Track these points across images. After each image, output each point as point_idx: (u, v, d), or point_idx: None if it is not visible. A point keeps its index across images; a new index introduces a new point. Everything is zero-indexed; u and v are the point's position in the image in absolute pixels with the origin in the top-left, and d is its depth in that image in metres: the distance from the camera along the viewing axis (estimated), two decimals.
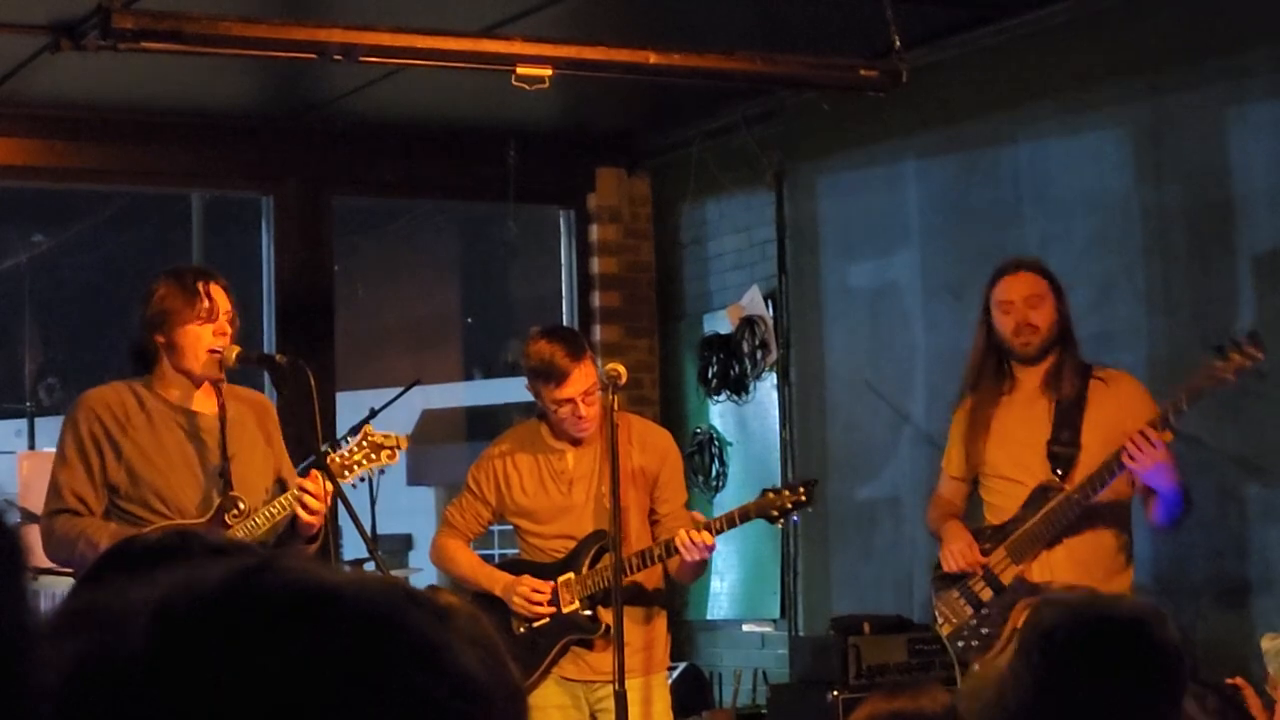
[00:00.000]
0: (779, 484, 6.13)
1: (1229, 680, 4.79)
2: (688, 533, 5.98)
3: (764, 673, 8.40)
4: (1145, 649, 2.52)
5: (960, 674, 6.03)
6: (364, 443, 5.66)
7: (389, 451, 5.70)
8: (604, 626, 6.12)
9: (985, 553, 5.99)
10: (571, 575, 6.17)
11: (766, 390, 8.69)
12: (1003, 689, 2.56)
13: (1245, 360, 5.66)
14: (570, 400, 6.10)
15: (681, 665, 8.34)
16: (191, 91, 8.08)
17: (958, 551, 6.00)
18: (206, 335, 5.44)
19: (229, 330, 5.46)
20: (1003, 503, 6.03)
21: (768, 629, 8.63)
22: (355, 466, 5.64)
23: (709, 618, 8.91)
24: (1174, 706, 2.54)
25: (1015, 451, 6.01)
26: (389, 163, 8.97)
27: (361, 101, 8.29)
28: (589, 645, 6.18)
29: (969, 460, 6.18)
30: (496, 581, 6.25)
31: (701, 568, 6.33)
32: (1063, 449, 5.94)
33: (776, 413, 8.62)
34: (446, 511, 6.47)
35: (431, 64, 6.58)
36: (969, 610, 6.02)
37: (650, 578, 6.26)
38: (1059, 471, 5.93)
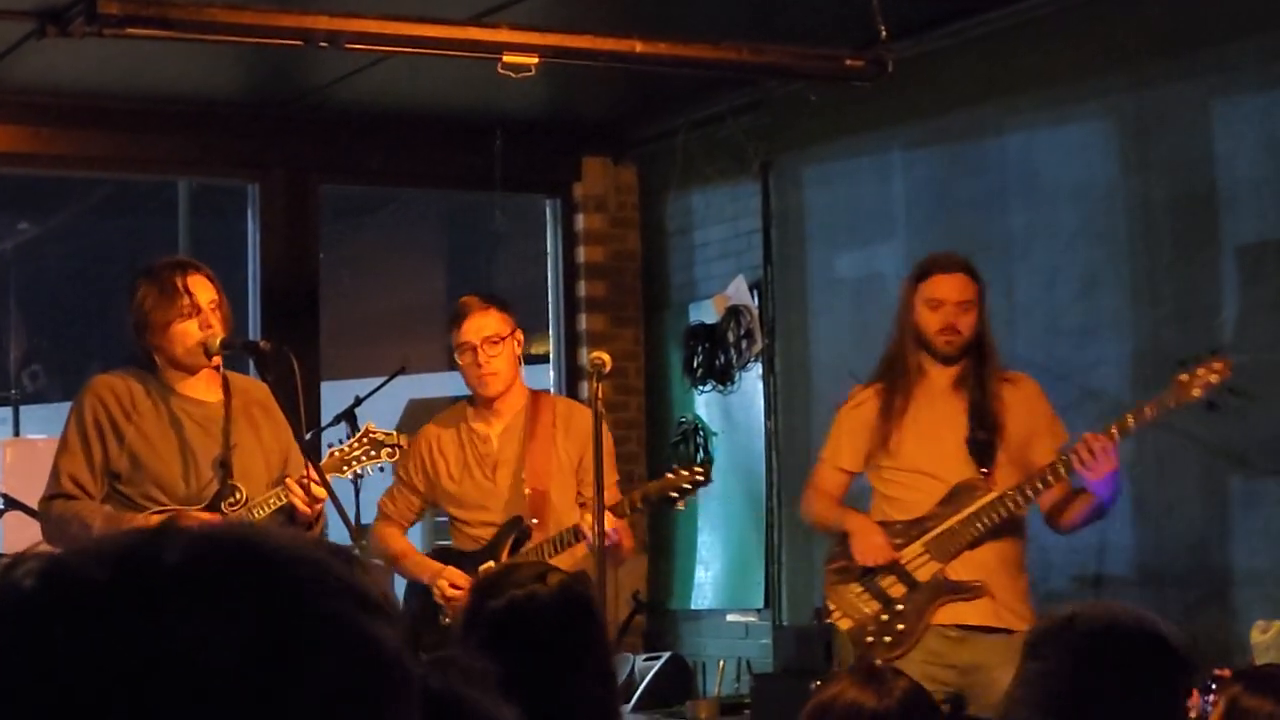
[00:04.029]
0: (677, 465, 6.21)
1: (1217, 671, 4.78)
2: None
3: (748, 662, 8.40)
4: (1165, 652, 3.20)
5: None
6: (365, 439, 5.71)
7: (389, 450, 5.74)
8: None
9: (896, 548, 5.89)
10: (492, 565, 5.93)
11: (752, 380, 8.68)
12: (1031, 681, 3.18)
13: (1211, 376, 5.67)
14: (470, 346, 6.09)
15: (665, 655, 8.35)
16: (177, 79, 8.06)
17: (874, 546, 5.88)
18: (193, 330, 5.46)
19: (214, 321, 5.47)
20: (912, 497, 5.92)
21: (751, 619, 8.63)
22: (354, 462, 5.70)
23: (692, 607, 8.91)
24: (1180, 698, 3.27)
25: (934, 447, 5.90)
26: (375, 151, 8.96)
27: (348, 89, 8.28)
28: None
29: (868, 453, 6.03)
30: (425, 569, 6.23)
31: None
32: (982, 446, 5.88)
33: (762, 402, 8.61)
34: (380, 501, 6.41)
35: (418, 52, 6.58)
36: (875, 605, 5.92)
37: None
38: (984, 469, 5.88)
